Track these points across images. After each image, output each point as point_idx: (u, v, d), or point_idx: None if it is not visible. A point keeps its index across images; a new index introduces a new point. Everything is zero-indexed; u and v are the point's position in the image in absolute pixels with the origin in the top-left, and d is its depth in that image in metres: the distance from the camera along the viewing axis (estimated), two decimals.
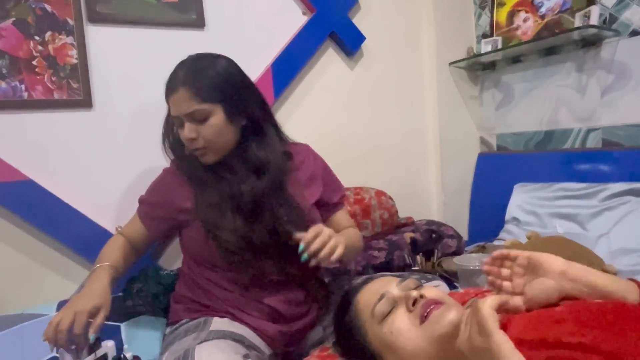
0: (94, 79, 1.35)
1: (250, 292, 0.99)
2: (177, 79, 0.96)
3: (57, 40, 1.28)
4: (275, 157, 1.03)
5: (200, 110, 0.95)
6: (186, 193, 1.03)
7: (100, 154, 1.36)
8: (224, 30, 1.55)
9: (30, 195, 1.24)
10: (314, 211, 1.09)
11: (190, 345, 0.85)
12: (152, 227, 1.11)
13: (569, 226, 1.62)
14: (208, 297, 1.02)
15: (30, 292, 1.27)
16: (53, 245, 1.30)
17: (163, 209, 1.08)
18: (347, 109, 1.86)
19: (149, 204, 1.12)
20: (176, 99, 0.96)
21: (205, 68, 0.98)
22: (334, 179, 1.20)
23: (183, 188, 1.04)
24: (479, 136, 2.20)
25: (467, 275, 1.29)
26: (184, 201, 1.03)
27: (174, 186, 1.07)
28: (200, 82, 0.95)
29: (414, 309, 0.68)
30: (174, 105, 0.97)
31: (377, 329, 0.70)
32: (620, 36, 1.61)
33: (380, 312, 0.71)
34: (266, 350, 0.98)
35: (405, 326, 0.67)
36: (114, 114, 1.38)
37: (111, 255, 1.05)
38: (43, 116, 1.28)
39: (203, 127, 0.96)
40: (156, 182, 1.13)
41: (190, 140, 0.97)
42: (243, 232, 0.96)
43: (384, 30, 1.93)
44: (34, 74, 1.26)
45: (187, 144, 1.00)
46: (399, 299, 0.71)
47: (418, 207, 2.04)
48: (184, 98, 0.94)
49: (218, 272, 1.01)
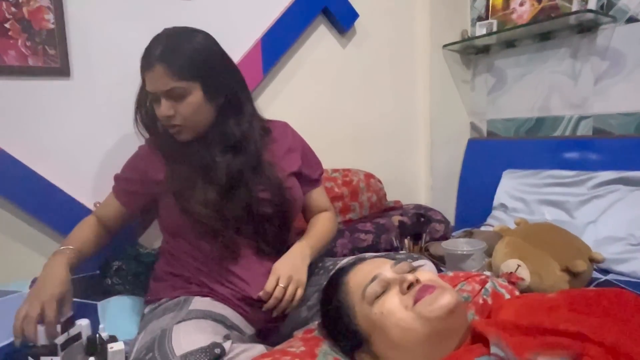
0: (72, 45, 1.27)
1: (223, 264, 0.99)
2: (154, 55, 0.93)
3: (32, 3, 1.20)
4: (253, 134, 1.03)
5: (177, 88, 0.93)
6: (160, 165, 1.04)
7: (78, 125, 1.30)
8: (212, 1, 1.49)
9: (2, 166, 1.18)
10: (291, 180, 1.08)
11: (168, 324, 0.82)
12: (129, 203, 1.10)
13: (556, 213, 1.62)
14: (185, 268, 1.02)
15: (2, 269, 1.21)
16: (26, 220, 1.24)
17: (138, 183, 1.07)
18: (338, 88, 1.81)
19: (124, 179, 1.11)
20: (152, 76, 0.93)
21: (183, 44, 0.95)
22: (312, 156, 1.20)
23: (157, 161, 1.04)
24: (470, 121, 2.18)
25: (454, 260, 1.28)
26: (157, 173, 1.03)
27: (148, 160, 1.06)
28: (177, 59, 0.93)
29: (408, 292, 0.66)
30: (150, 81, 0.95)
31: (368, 310, 0.68)
32: (617, 22, 1.59)
33: (372, 293, 0.68)
34: (248, 330, 0.96)
35: (397, 307, 0.65)
36: (93, 84, 1.31)
37: (77, 237, 1.04)
38: (16, 83, 1.21)
39: (180, 104, 0.95)
40: (131, 158, 1.13)
41: (166, 117, 0.96)
42: (215, 205, 0.95)
43: (378, 8, 1.87)
44: (7, 38, 1.18)
45: (163, 121, 0.99)
46: (392, 281, 0.69)
47: (406, 190, 2.03)
48: (161, 75, 0.92)
49: (192, 243, 1.01)
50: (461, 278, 0.83)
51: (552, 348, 0.47)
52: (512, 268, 1.14)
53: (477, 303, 0.77)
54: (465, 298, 0.77)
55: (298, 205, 1.11)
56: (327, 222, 1.16)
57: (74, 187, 1.28)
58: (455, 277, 0.84)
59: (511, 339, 0.49)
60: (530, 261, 1.15)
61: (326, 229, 1.15)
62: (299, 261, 1.00)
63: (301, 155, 1.14)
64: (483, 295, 0.78)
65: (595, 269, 1.30)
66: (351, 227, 1.52)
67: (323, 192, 1.22)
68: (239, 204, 0.97)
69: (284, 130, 1.15)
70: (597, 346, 0.45)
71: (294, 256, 1.00)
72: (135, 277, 1.16)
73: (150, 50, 0.95)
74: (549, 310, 0.54)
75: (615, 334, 0.47)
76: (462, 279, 0.82)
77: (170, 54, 0.93)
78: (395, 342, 0.65)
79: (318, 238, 1.09)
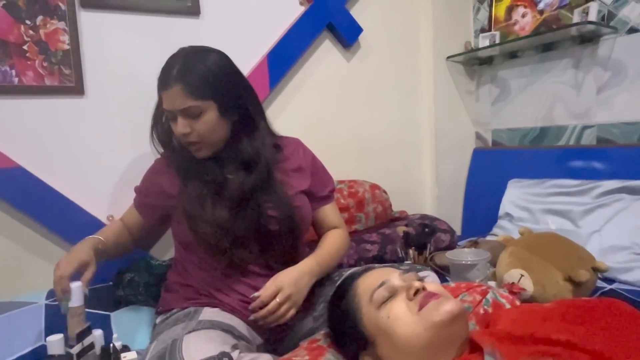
0: (86, 65, 1.33)
1: (231, 278, 1.01)
2: (171, 75, 0.96)
3: (48, 25, 1.26)
4: (266, 151, 1.05)
5: (194, 107, 0.96)
6: (174, 180, 1.07)
7: (92, 142, 1.34)
8: (220, 19, 1.54)
9: (20, 183, 1.22)
10: (300, 198, 1.09)
11: (178, 335, 0.85)
12: (146, 214, 1.15)
13: (561, 223, 1.62)
14: (194, 279, 1.04)
15: (20, 280, 1.25)
16: (43, 233, 1.29)
17: (153, 195, 1.11)
18: (343, 101, 1.85)
19: (142, 191, 1.16)
20: (170, 95, 0.96)
21: (199, 64, 0.98)
22: (323, 173, 1.20)
23: (172, 175, 1.08)
24: (475, 131, 2.20)
25: (459, 270, 1.30)
26: (171, 187, 1.06)
27: (163, 174, 1.10)
28: (193, 79, 0.96)
29: (415, 298, 0.69)
30: (168, 100, 0.98)
31: (374, 314, 0.71)
32: (618, 33, 1.61)
33: (380, 297, 0.71)
34: (255, 340, 0.98)
35: (403, 312, 0.67)
36: (106, 102, 1.36)
37: (102, 231, 1.12)
38: (34, 102, 1.26)
39: (197, 122, 0.98)
40: (148, 171, 1.17)
41: (183, 135, 0.99)
42: (223, 223, 0.97)
43: (381, 22, 1.91)
44: (25, 59, 1.24)
45: (181, 139, 1.02)
46: (400, 288, 0.71)
47: (412, 201, 2.04)
48: (178, 94, 0.95)
49: (201, 256, 1.04)
50: (463, 289, 0.85)
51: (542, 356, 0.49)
52: (515, 278, 1.15)
53: (477, 313, 0.79)
54: (466, 308, 0.79)
55: (306, 223, 1.12)
56: (338, 239, 1.16)
57: (89, 201, 1.33)
58: (457, 287, 0.86)
59: (504, 348, 0.51)
60: (533, 271, 1.16)
61: (337, 246, 1.14)
62: (304, 281, 1.00)
63: (311, 173, 1.15)
64: (484, 305, 0.80)
65: (600, 278, 1.30)
66: (357, 237, 1.54)
67: (334, 208, 1.22)
68: (248, 222, 0.99)
69: (296, 148, 1.16)
70: (585, 354, 0.47)
71: (301, 274, 1.00)
72: (146, 288, 1.19)
73: (167, 69, 0.98)
74: (543, 320, 0.56)
75: (604, 342, 0.49)
76: (463, 289, 0.84)
77: (186, 74, 0.95)
78: (399, 346, 0.67)
79: (328, 256, 1.09)
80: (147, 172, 1.17)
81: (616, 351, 0.48)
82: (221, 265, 1.00)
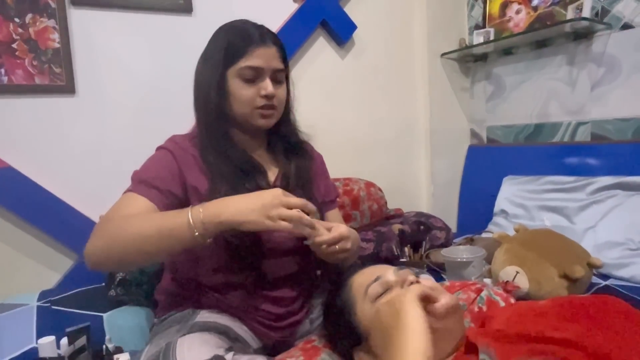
0: (77, 64, 1.31)
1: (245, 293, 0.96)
2: (268, 35, 0.94)
3: (38, 23, 1.24)
4: (307, 144, 1.08)
5: (283, 71, 0.96)
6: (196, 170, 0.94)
7: (84, 141, 1.33)
8: (212, 16, 1.51)
9: (10, 183, 1.21)
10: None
11: (172, 338, 0.84)
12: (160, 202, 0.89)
13: (556, 219, 1.62)
14: (200, 294, 0.97)
15: (11, 282, 1.24)
16: (34, 234, 1.27)
17: (169, 180, 0.91)
18: (337, 99, 1.84)
19: (155, 177, 0.91)
20: (267, 52, 0.93)
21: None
22: (329, 177, 1.19)
23: (194, 164, 0.94)
24: (470, 128, 2.20)
25: (454, 267, 1.29)
26: (196, 180, 0.92)
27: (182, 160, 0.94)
28: (282, 46, 0.97)
29: None
30: (263, 57, 0.92)
31: (368, 308, 0.70)
32: (612, 29, 1.61)
33: (374, 292, 0.71)
34: (253, 344, 0.96)
35: None
36: (97, 100, 1.35)
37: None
38: (23, 101, 1.25)
39: (278, 88, 0.96)
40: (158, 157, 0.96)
41: (269, 96, 0.93)
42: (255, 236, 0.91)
43: (375, 19, 1.91)
44: (14, 58, 1.22)
45: (257, 101, 0.93)
46: (394, 283, 0.71)
47: (407, 198, 2.04)
48: (274, 54, 0.94)
49: (217, 274, 0.94)
50: (457, 287, 0.85)
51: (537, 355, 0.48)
52: (510, 275, 1.15)
53: (472, 311, 0.78)
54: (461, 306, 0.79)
55: None
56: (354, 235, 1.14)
57: (80, 201, 1.31)
58: (452, 286, 0.86)
59: (499, 347, 0.51)
60: (528, 268, 1.15)
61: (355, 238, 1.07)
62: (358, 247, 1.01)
63: (320, 178, 1.13)
64: (478, 303, 0.79)
65: (595, 274, 1.31)
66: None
67: (339, 214, 1.19)
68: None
69: (312, 148, 1.15)
70: (580, 351, 0.47)
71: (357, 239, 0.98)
72: (138, 287, 1.18)
73: (261, 29, 0.95)
74: (537, 317, 0.56)
75: (598, 339, 0.49)
76: (458, 288, 0.84)
77: (277, 39, 0.96)
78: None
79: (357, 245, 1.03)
80: (156, 159, 0.95)
81: (611, 347, 0.47)
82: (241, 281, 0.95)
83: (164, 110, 1.44)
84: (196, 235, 0.75)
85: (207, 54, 0.99)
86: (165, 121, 1.42)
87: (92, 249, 0.80)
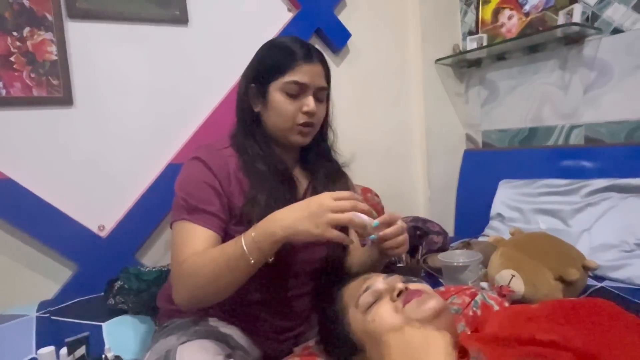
0: (75, 75, 1.33)
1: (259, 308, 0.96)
2: (315, 53, 0.95)
3: (35, 36, 1.26)
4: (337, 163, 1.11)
5: (326, 90, 0.97)
6: (242, 184, 0.92)
7: (82, 152, 1.34)
8: (208, 27, 1.54)
9: (9, 194, 1.22)
10: None
11: (172, 345, 0.84)
12: (219, 228, 0.89)
13: (551, 222, 1.63)
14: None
15: (10, 293, 1.25)
16: (33, 245, 1.28)
17: (216, 199, 0.89)
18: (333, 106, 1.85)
19: (208, 201, 0.88)
20: (313, 69, 0.93)
21: None
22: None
23: (232, 177, 0.92)
24: (465, 133, 2.21)
25: (451, 272, 1.30)
26: (240, 195, 0.91)
27: (220, 174, 0.91)
28: (327, 65, 0.98)
29: (398, 299, 0.69)
30: (309, 74, 0.93)
31: (361, 319, 0.71)
32: (602, 34, 1.63)
33: (365, 303, 0.72)
34: (254, 353, 0.97)
35: (387, 313, 0.68)
36: (95, 112, 1.36)
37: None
38: (22, 113, 1.26)
39: (320, 106, 0.97)
40: (196, 177, 0.91)
41: (310, 113, 0.94)
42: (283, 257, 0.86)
43: (370, 27, 1.93)
44: (12, 71, 1.24)
45: (299, 118, 0.93)
46: (384, 291, 0.72)
47: (404, 203, 2.06)
48: (320, 72, 0.95)
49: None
50: (452, 292, 0.86)
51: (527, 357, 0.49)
52: (506, 279, 1.16)
53: (467, 315, 0.79)
54: (455, 310, 0.80)
55: None
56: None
57: (79, 211, 1.32)
58: (447, 291, 0.87)
59: (490, 351, 0.52)
60: (524, 271, 1.16)
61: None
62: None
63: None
64: (473, 307, 0.80)
65: (591, 277, 1.32)
66: None
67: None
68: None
69: (345, 174, 1.18)
70: (569, 352, 0.48)
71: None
72: (137, 295, 1.18)
73: (308, 46, 0.95)
74: (528, 321, 0.57)
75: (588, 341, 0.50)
76: (452, 292, 0.85)
77: (323, 58, 0.96)
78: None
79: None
80: (196, 178, 0.90)
81: (600, 349, 0.48)
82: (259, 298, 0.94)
83: (161, 120, 1.45)
84: (253, 263, 0.75)
85: (253, 64, 1.00)
86: (162, 131, 1.44)
87: (180, 300, 0.83)
